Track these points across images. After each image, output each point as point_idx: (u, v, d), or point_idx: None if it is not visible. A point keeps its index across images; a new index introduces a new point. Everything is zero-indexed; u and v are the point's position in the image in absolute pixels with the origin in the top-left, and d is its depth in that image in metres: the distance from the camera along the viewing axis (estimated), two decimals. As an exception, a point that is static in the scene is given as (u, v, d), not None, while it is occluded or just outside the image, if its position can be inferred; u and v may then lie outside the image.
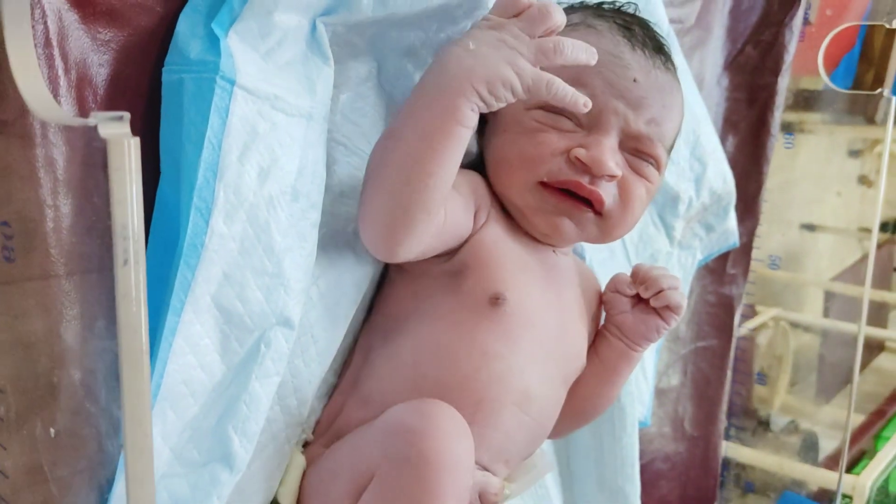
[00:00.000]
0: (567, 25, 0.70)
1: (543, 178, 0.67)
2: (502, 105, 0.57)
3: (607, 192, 0.67)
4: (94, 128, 0.35)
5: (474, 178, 0.69)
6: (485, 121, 0.74)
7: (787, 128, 1.45)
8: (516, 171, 0.68)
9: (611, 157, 0.66)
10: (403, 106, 0.59)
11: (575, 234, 0.69)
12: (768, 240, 1.30)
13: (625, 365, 0.76)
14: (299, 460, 0.64)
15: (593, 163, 0.65)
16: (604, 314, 0.78)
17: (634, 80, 0.67)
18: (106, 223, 0.46)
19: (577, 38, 0.67)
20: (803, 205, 2.58)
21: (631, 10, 0.75)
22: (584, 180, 0.66)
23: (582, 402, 0.76)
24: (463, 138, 0.57)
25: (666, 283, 0.72)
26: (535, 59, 0.57)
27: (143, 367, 0.38)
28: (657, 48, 0.70)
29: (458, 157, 0.58)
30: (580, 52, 0.58)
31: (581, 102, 0.58)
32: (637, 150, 0.69)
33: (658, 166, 0.70)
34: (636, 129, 0.67)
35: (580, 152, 0.65)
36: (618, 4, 0.76)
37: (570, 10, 0.74)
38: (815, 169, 2.61)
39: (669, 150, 0.72)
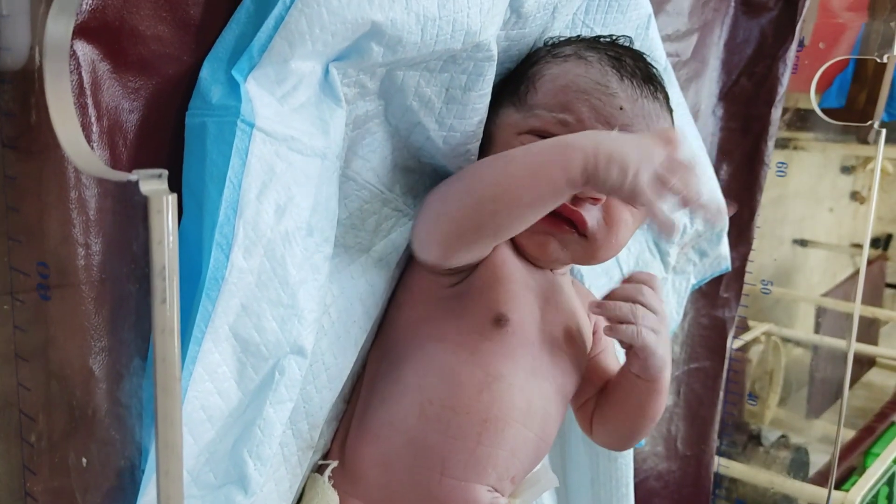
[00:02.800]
0: (559, 57, 0.73)
1: None
2: (604, 189, 0.59)
3: (591, 215, 0.69)
4: (136, 183, 0.37)
5: None
6: (485, 149, 0.77)
7: (780, 145, 1.48)
8: None
9: None
10: (532, 144, 0.62)
11: (561, 255, 0.72)
12: (760, 265, 1.33)
13: (643, 394, 0.74)
14: (332, 497, 0.66)
15: None
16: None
17: (621, 108, 0.69)
18: (141, 265, 0.49)
19: (566, 68, 0.71)
20: (796, 220, 2.61)
21: (625, 43, 0.77)
22: (568, 201, 0.68)
23: (629, 425, 0.77)
24: (561, 194, 0.60)
25: (613, 311, 0.70)
26: (657, 176, 0.58)
27: (175, 399, 0.41)
28: (647, 78, 0.72)
29: (548, 207, 0.61)
30: (690, 200, 0.59)
31: (673, 231, 0.59)
32: None
33: None
34: None
35: None
36: (613, 37, 0.78)
37: (565, 42, 0.77)
38: (808, 185, 2.64)
39: None
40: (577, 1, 0.79)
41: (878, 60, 1.06)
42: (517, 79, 0.75)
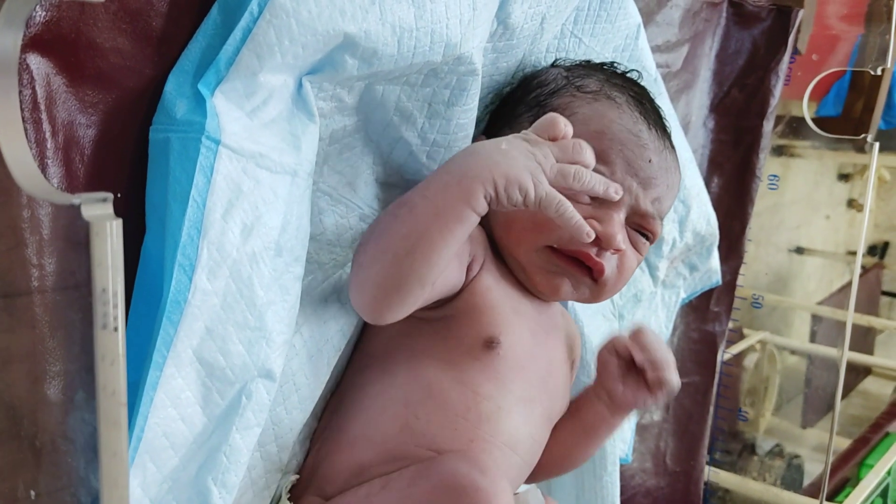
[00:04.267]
0: (587, 93, 0.73)
1: (553, 244, 0.69)
2: (511, 204, 0.58)
3: (609, 264, 0.70)
4: (78, 207, 0.35)
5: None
6: None
7: (776, 152, 1.46)
8: (528, 234, 0.70)
9: (620, 231, 0.69)
10: (424, 181, 0.61)
11: (570, 295, 0.72)
12: (755, 273, 1.31)
13: (605, 430, 0.76)
14: None
15: (605, 237, 0.68)
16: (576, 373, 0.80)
17: (649, 161, 0.70)
18: (85, 291, 0.47)
19: (598, 111, 0.72)
20: (792, 228, 2.60)
21: (635, 78, 0.78)
22: (593, 251, 0.69)
23: (558, 459, 0.77)
24: (470, 224, 0.59)
25: (668, 358, 0.71)
26: (555, 180, 0.58)
27: (121, 430, 0.39)
28: (664, 128, 0.74)
29: (461, 241, 0.60)
30: (597, 184, 0.60)
31: (585, 233, 0.59)
32: (639, 226, 0.72)
33: (652, 239, 0.74)
34: (644, 208, 0.71)
35: (594, 225, 0.68)
36: (621, 70, 0.79)
37: (583, 70, 0.77)
38: (805, 193, 2.63)
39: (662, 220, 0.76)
40: (566, 11, 0.78)
41: (872, 73, 1.04)
42: (538, 106, 0.74)
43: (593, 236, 0.60)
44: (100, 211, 0.35)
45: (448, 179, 0.59)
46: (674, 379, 0.70)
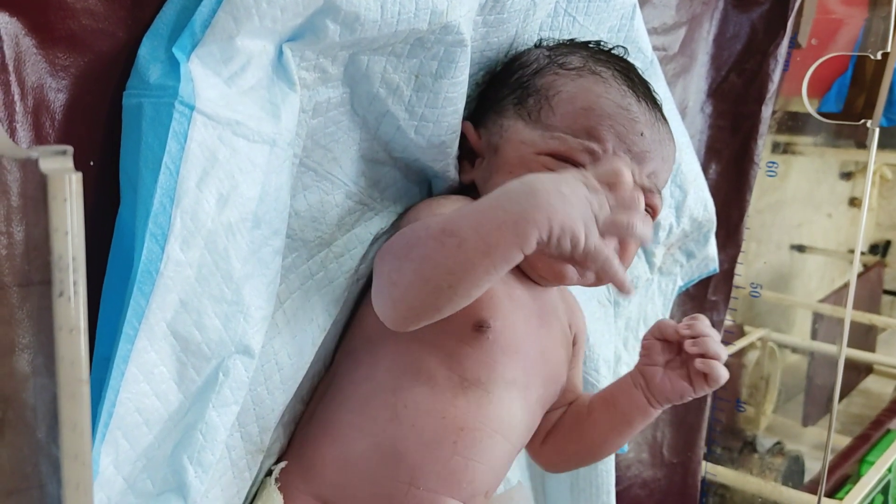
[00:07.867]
0: (571, 69, 0.71)
1: None
2: (558, 251, 0.56)
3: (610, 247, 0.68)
4: (36, 161, 0.34)
5: None
6: (476, 156, 0.73)
7: (777, 149, 1.44)
8: None
9: None
10: (473, 208, 0.58)
11: (575, 280, 0.70)
12: (751, 266, 1.30)
13: (641, 419, 0.72)
14: (277, 499, 0.63)
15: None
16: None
17: (641, 134, 0.68)
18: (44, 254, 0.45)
19: (584, 86, 0.70)
20: (794, 226, 2.59)
21: (620, 54, 0.77)
22: None
23: (591, 447, 0.75)
24: (514, 263, 0.57)
25: (719, 351, 0.68)
26: (605, 230, 0.56)
27: (83, 404, 0.37)
28: (654, 100, 0.72)
29: (500, 277, 0.58)
30: (645, 233, 0.57)
31: (627, 287, 0.58)
32: None
33: (654, 214, 0.72)
34: (639, 183, 0.69)
35: None
36: (607, 47, 0.77)
37: (566, 48, 0.75)
38: (806, 190, 2.61)
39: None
40: (559, -11, 0.77)
41: (872, 57, 1.03)
42: (521, 87, 0.72)
43: (634, 290, 0.58)
44: (58, 164, 0.34)
45: (504, 218, 0.55)
46: (722, 373, 0.67)
